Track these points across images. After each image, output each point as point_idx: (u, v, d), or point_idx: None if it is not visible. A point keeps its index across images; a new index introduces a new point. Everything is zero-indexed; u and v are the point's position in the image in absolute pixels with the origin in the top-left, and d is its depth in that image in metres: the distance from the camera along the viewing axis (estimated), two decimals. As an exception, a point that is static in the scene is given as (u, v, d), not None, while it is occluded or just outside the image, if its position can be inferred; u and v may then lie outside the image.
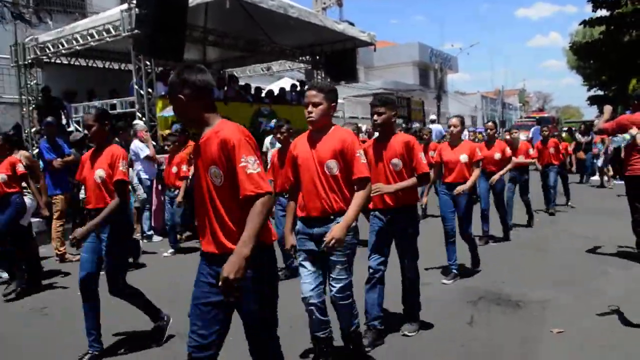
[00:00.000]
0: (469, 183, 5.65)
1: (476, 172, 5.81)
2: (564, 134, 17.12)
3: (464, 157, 5.79)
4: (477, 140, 13.12)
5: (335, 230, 3.19)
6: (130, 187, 6.30)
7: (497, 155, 7.47)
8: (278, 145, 6.32)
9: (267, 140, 10.14)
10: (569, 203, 10.91)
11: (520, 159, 8.34)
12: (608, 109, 6.32)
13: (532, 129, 22.75)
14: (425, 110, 35.05)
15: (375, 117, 4.04)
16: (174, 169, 7.67)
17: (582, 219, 9.35)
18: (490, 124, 7.99)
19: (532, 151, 8.73)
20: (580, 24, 18.93)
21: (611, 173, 14.22)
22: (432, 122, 20.09)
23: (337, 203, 3.34)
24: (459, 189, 5.57)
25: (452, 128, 5.90)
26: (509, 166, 7.71)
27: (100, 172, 3.95)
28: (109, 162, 3.96)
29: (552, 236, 7.93)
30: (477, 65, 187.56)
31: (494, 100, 65.35)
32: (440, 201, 6.01)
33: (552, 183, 9.86)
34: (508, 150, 7.50)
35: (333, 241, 3.16)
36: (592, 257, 6.51)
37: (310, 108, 3.34)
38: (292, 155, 3.54)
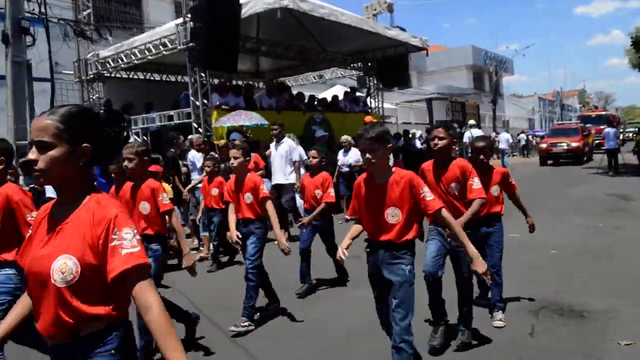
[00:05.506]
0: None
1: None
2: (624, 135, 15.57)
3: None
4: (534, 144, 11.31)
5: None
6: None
7: (318, 192, 5.53)
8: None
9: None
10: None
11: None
12: None
13: (605, 132, 17.54)
14: (480, 114, 34.41)
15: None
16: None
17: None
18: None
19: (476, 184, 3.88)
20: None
21: None
22: (471, 126, 19.40)
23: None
24: None
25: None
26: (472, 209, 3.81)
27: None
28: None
29: (615, 244, 7.50)
30: (534, 67, 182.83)
31: (552, 102, 63.46)
32: None
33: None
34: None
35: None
36: (664, 266, 6.15)
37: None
38: None
